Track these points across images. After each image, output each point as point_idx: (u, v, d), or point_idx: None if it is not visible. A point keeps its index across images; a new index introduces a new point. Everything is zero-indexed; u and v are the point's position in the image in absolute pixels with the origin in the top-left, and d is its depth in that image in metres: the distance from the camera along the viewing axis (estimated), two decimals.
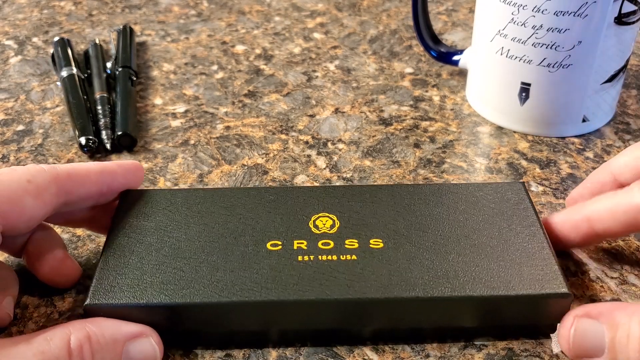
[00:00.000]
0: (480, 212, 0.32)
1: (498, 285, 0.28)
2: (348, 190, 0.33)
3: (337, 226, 0.31)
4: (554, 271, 0.28)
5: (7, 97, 0.48)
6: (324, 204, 0.32)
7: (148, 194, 0.33)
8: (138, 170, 0.33)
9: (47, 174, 0.29)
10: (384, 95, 0.47)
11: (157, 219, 0.32)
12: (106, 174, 0.32)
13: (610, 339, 0.26)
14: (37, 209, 0.28)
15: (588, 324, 0.27)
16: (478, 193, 0.33)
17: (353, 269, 0.29)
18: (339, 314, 0.28)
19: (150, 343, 0.28)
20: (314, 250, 0.30)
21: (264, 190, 0.33)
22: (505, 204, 0.32)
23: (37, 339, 0.26)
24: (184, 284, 0.28)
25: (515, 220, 0.31)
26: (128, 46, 0.51)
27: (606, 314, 0.26)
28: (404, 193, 0.33)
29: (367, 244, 0.30)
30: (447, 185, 0.33)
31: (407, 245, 0.30)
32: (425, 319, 0.29)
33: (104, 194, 0.32)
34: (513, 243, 0.30)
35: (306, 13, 0.59)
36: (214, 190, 0.33)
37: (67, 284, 0.32)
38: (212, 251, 0.30)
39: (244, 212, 0.32)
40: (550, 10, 0.37)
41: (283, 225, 0.31)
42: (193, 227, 0.31)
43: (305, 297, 0.28)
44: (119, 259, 0.30)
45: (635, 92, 0.47)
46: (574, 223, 0.31)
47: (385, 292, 0.28)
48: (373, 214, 0.32)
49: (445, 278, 0.28)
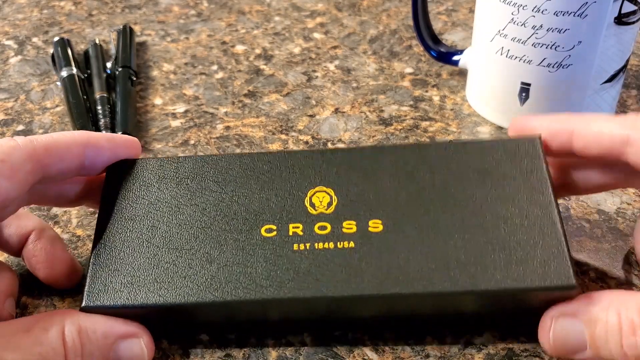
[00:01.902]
0: (489, 183, 0.29)
1: (502, 277, 0.26)
2: (346, 156, 0.30)
3: (334, 204, 0.29)
4: (563, 260, 0.26)
5: (7, 97, 0.48)
6: (321, 175, 0.30)
7: (136, 165, 0.31)
8: (131, 147, 0.31)
9: (22, 150, 0.27)
10: (384, 95, 0.47)
11: (146, 199, 0.30)
12: (90, 147, 0.30)
13: (590, 335, 0.26)
14: (11, 191, 0.27)
15: (566, 324, 0.26)
16: (489, 156, 0.30)
17: (350, 259, 0.28)
18: (335, 308, 0.28)
19: (140, 345, 0.28)
20: (310, 237, 0.28)
21: (257, 157, 0.31)
22: (518, 170, 0.29)
23: (35, 329, 0.26)
24: (178, 281, 0.28)
25: (528, 192, 0.28)
26: (128, 46, 0.51)
27: (582, 310, 0.26)
28: (407, 156, 0.30)
29: (366, 226, 0.28)
30: (455, 145, 0.30)
31: (408, 227, 0.28)
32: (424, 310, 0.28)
33: (86, 168, 0.30)
34: (522, 224, 0.28)
35: (306, 13, 0.59)
36: (204, 158, 0.31)
37: (69, 285, 0.32)
38: (205, 240, 0.29)
39: (237, 187, 0.30)
40: (550, 10, 0.37)
41: (278, 205, 0.29)
42: (184, 210, 0.30)
43: (301, 295, 0.27)
44: (111, 253, 0.29)
45: (635, 92, 0.47)
46: (556, 131, 0.30)
47: (383, 288, 0.27)
48: (373, 186, 0.29)
49: (446, 269, 0.27)
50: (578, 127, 0.29)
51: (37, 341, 0.25)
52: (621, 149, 0.28)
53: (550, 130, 0.30)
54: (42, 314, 0.27)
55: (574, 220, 0.36)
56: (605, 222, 0.36)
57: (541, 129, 0.30)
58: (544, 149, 0.30)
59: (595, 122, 0.29)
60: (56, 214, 0.37)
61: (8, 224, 0.31)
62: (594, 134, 0.29)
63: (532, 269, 0.26)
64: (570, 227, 0.35)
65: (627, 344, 0.25)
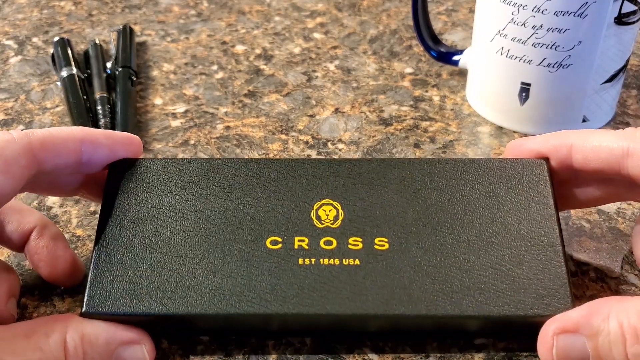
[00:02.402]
0: (495, 204, 0.29)
1: (504, 303, 0.27)
2: (354, 168, 0.30)
3: (341, 218, 0.29)
4: (563, 288, 0.27)
5: (7, 97, 0.48)
6: (328, 187, 0.30)
7: (139, 165, 0.31)
8: (131, 144, 0.31)
9: (17, 144, 0.27)
10: (384, 95, 0.47)
11: (150, 201, 0.29)
12: (87, 144, 0.29)
13: (593, 348, 0.25)
14: (6, 186, 0.26)
15: (568, 339, 0.26)
16: (496, 176, 0.30)
17: (355, 277, 0.28)
18: (339, 324, 0.28)
19: (142, 350, 0.28)
20: (316, 252, 0.28)
21: (264, 164, 0.31)
22: (524, 192, 0.30)
23: (35, 334, 0.25)
24: (181, 291, 0.27)
25: (533, 215, 0.29)
26: (128, 46, 0.51)
27: (583, 324, 0.26)
28: (415, 171, 0.30)
29: (372, 244, 0.28)
30: (463, 162, 0.31)
31: (414, 247, 0.28)
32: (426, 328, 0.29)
33: (83, 164, 0.29)
34: (526, 250, 0.28)
35: (306, 13, 0.59)
36: (209, 161, 0.31)
37: (70, 283, 0.32)
38: (209, 249, 0.28)
39: (242, 195, 0.30)
40: (550, 10, 0.37)
41: (284, 216, 0.29)
42: (188, 215, 0.29)
43: (305, 311, 0.27)
44: (112, 257, 0.28)
45: (635, 92, 0.47)
46: (554, 147, 0.30)
47: (387, 309, 0.27)
48: (380, 201, 0.29)
49: (450, 293, 0.27)
50: (576, 142, 0.30)
51: (37, 347, 0.25)
52: (620, 161, 0.28)
53: (549, 146, 0.30)
54: (43, 318, 0.27)
55: (574, 220, 0.36)
56: (605, 222, 0.36)
57: (539, 147, 0.31)
58: (550, 173, 0.30)
59: (593, 135, 0.29)
60: (56, 213, 0.37)
61: (10, 220, 0.31)
62: (593, 148, 0.29)
63: (534, 297, 0.27)
64: (570, 227, 0.35)
65: (632, 353, 0.24)
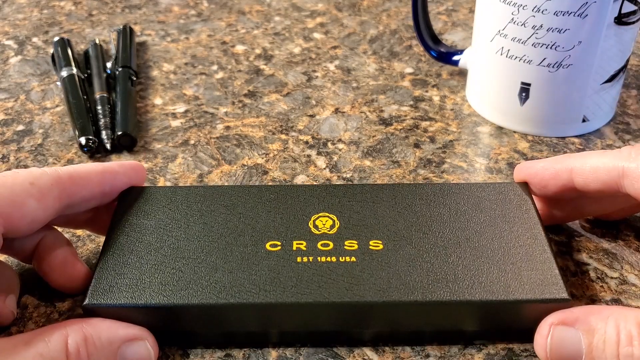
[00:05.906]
0: (481, 214, 0.31)
1: (497, 290, 0.28)
2: (349, 190, 0.33)
3: (336, 226, 0.31)
4: (554, 275, 0.28)
5: (7, 97, 0.48)
6: (324, 204, 0.32)
7: (147, 191, 0.33)
8: (140, 170, 0.33)
9: (49, 176, 0.29)
10: (384, 95, 0.47)
11: (157, 217, 0.32)
12: (107, 174, 0.31)
13: (587, 345, 0.26)
14: (39, 212, 0.28)
15: (565, 332, 0.27)
16: (480, 193, 0.32)
17: (352, 271, 0.29)
18: (338, 316, 0.28)
19: (145, 346, 0.28)
20: (313, 252, 0.29)
21: (264, 188, 0.33)
22: (507, 205, 0.32)
23: (35, 341, 0.26)
24: (183, 284, 0.28)
25: (517, 222, 0.31)
26: (128, 46, 0.51)
27: (582, 319, 0.26)
28: (405, 193, 0.33)
29: (367, 245, 0.30)
30: (448, 185, 0.33)
31: (407, 247, 0.30)
32: (424, 322, 0.29)
33: (106, 194, 0.32)
34: (514, 245, 0.30)
35: (306, 13, 0.59)
36: (214, 187, 0.33)
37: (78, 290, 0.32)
38: (212, 251, 0.30)
39: (244, 210, 0.32)
40: (550, 10, 0.37)
41: (283, 225, 0.31)
42: (193, 226, 0.31)
43: (304, 300, 0.27)
44: (118, 258, 0.29)
45: (635, 92, 0.47)
46: (556, 171, 0.31)
47: (384, 296, 0.28)
48: (373, 214, 0.31)
49: (444, 282, 0.28)
50: (576, 165, 0.31)
51: (37, 353, 0.25)
52: (618, 181, 0.29)
53: (551, 171, 0.32)
54: (44, 327, 0.27)
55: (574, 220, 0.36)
56: (605, 222, 0.36)
57: (543, 171, 0.32)
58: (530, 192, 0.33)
59: (590, 158, 0.30)
60: None
61: None
62: (591, 170, 0.30)
63: (527, 284, 0.28)
64: (570, 227, 0.36)
65: (623, 354, 0.25)
